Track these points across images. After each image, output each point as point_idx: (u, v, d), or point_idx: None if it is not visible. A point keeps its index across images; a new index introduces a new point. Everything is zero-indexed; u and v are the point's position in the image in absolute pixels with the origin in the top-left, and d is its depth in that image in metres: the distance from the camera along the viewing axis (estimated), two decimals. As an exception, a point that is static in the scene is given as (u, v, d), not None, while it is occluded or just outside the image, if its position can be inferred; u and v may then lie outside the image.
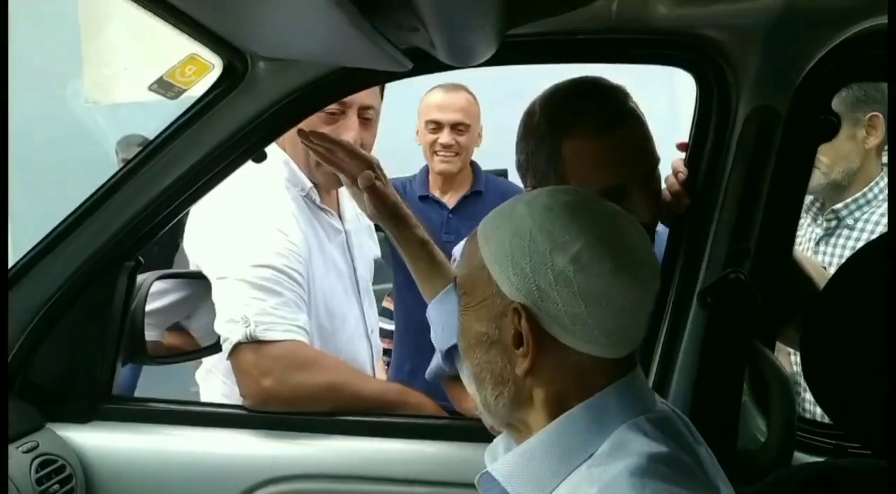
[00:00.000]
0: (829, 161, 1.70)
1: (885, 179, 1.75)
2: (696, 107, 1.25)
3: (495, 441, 0.96)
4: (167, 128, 1.19)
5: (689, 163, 1.27)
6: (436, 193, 2.41)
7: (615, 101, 1.15)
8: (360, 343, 1.63)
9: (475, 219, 1.44)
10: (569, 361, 0.78)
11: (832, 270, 1.50)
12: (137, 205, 1.24)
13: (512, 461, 0.81)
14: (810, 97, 1.16)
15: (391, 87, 1.56)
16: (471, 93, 2.41)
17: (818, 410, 1.44)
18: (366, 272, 1.74)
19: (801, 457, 1.18)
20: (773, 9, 1.05)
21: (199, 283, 1.50)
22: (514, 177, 1.28)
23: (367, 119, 1.54)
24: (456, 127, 2.33)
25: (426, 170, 2.44)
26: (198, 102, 1.16)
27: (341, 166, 1.33)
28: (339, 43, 0.97)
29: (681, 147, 1.30)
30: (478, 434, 1.25)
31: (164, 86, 1.07)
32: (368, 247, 1.80)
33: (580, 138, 1.11)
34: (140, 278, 1.38)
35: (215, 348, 1.45)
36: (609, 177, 1.10)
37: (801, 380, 1.06)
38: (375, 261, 1.83)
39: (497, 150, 2.29)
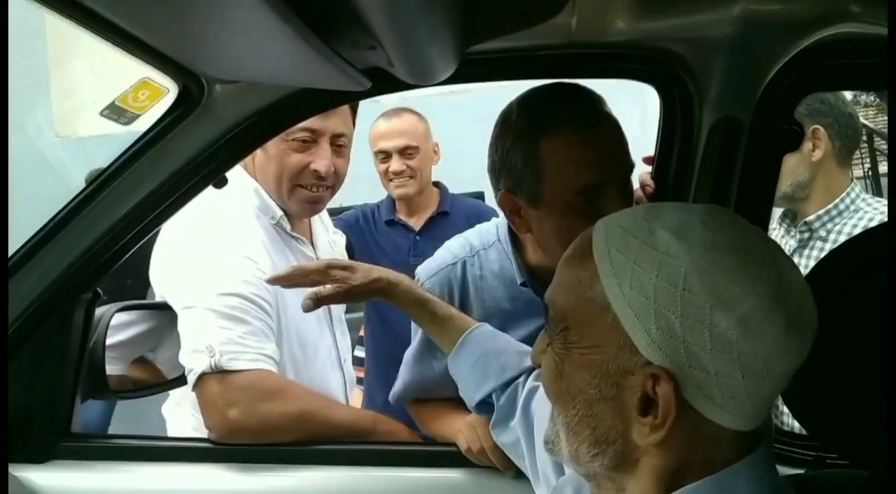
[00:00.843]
0: None
1: (856, 190, 1.76)
2: (660, 121, 1.24)
3: (562, 481, 0.89)
4: (122, 154, 1.16)
5: (655, 176, 1.27)
6: (402, 217, 2.39)
7: (592, 103, 1.16)
8: (332, 372, 1.60)
9: (443, 240, 1.44)
10: (703, 433, 0.65)
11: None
12: (93, 235, 1.20)
13: None
14: (773, 107, 1.16)
15: (368, 112, 1.55)
16: (415, 114, 2.38)
17: (796, 423, 1.42)
18: (338, 300, 1.72)
19: (779, 470, 1.16)
20: (732, 19, 1.04)
21: (164, 314, 1.46)
22: (491, 201, 1.24)
23: (340, 146, 1.55)
24: (403, 151, 2.30)
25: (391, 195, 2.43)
26: (153, 127, 1.13)
27: (304, 284, 1.26)
28: (294, 63, 0.96)
29: (647, 160, 1.30)
30: (453, 459, 1.23)
31: (115, 112, 1.04)
32: (341, 276, 1.78)
33: (559, 136, 1.12)
34: (100, 310, 1.34)
35: (182, 380, 1.41)
36: (587, 175, 1.11)
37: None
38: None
39: (472, 175, 2.28)
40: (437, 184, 2.46)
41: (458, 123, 2.50)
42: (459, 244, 1.36)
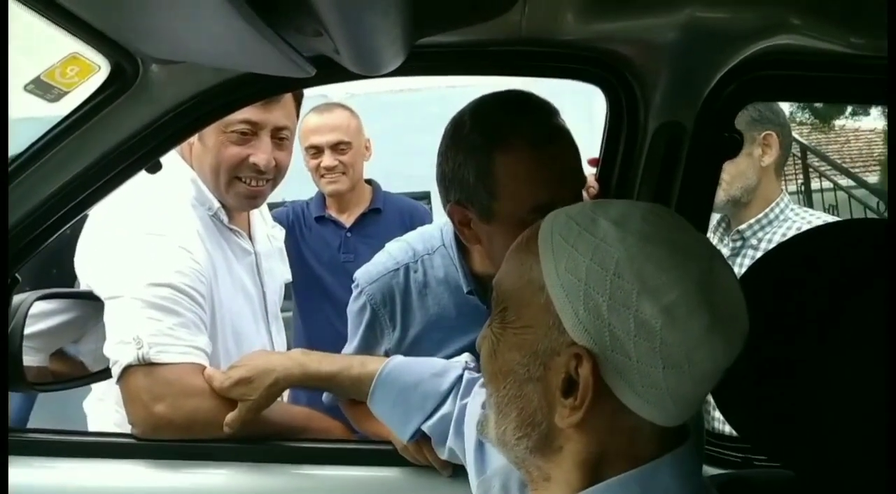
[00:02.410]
0: (728, 177, 1.77)
1: (785, 200, 1.82)
2: (606, 123, 1.25)
3: (490, 473, 0.88)
4: (47, 133, 1.09)
5: (599, 178, 1.27)
6: (332, 213, 2.36)
7: (548, 117, 1.13)
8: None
9: (374, 238, 1.41)
10: (623, 423, 0.66)
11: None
12: (12, 218, 1.13)
13: None
14: (715, 114, 1.18)
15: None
16: (347, 109, 2.35)
17: (727, 428, 1.45)
18: (275, 296, 1.68)
19: (708, 471, 1.18)
20: (678, 26, 1.06)
21: (88, 304, 1.40)
22: (439, 201, 1.21)
23: (282, 139, 1.51)
24: (336, 147, 2.27)
25: (322, 192, 2.40)
26: (82, 106, 1.07)
27: None
28: (235, 45, 0.92)
29: (591, 162, 1.31)
30: (389, 457, 1.21)
31: (41, 88, 0.97)
32: (279, 270, 1.74)
33: (514, 152, 1.08)
34: (19, 298, 1.27)
35: (106, 373, 1.35)
36: (541, 193, 1.07)
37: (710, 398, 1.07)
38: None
39: (420, 172, 2.26)
40: (369, 181, 2.43)
41: (406, 122, 2.48)
42: (401, 248, 1.33)
